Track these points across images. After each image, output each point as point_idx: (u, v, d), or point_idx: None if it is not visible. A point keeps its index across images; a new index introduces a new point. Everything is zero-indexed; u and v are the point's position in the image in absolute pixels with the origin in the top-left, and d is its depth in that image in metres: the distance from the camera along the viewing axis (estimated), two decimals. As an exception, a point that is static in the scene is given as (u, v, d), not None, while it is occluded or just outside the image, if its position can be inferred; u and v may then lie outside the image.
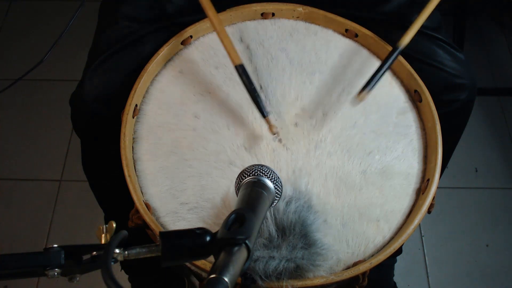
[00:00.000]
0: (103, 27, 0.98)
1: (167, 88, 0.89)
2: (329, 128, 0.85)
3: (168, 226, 0.77)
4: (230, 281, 0.46)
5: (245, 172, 0.66)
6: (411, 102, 0.90)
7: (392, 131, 0.86)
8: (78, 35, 1.46)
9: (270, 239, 0.69)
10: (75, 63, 1.41)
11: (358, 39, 0.96)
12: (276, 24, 0.98)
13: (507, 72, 1.86)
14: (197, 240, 0.55)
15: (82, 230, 1.46)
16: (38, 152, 1.65)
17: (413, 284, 1.44)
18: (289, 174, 0.81)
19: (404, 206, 0.80)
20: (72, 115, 0.95)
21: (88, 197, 1.13)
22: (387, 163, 0.83)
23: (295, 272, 0.68)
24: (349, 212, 0.78)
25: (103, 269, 0.48)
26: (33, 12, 2.00)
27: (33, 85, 1.78)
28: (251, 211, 0.57)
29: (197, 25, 0.93)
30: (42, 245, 1.47)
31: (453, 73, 0.95)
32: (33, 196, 1.57)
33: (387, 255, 0.73)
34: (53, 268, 0.52)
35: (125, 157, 0.79)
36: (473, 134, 1.66)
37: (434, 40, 0.96)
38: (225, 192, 0.78)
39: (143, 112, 0.86)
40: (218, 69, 0.91)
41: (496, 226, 1.53)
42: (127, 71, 0.90)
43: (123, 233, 0.54)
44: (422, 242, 1.50)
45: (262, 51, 0.93)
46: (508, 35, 1.94)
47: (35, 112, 1.74)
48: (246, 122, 0.85)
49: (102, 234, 0.56)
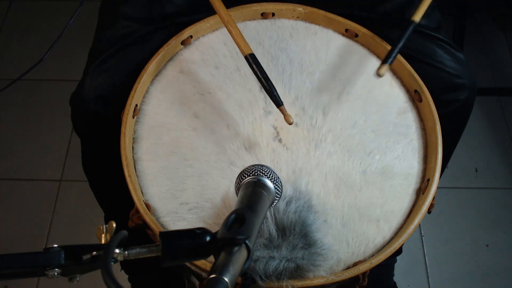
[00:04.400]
0: (103, 27, 0.98)
1: (167, 88, 0.89)
2: (329, 128, 0.85)
3: (168, 226, 0.77)
4: (230, 281, 0.46)
5: (245, 172, 0.66)
6: (411, 102, 0.90)
7: (392, 131, 0.86)
8: (78, 35, 1.46)
9: (270, 239, 0.69)
10: (75, 63, 1.41)
11: (358, 39, 0.96)
12: (276, 24, 0.98)
13: (507, 72, 1.85)
14: (197, 240, 0.55)
15: (82, 230, 1.46)
16: (38, 152, 1.65)
17: (413, 284, 1.44)
18: (289, 174, 0.81)
19: (404, 206, 0.80)
20: (72, 115, 0.95)
21: (88, 197, 1.13)
22: (387, 163, 0.83)
23: (295, 272, 0.68)
24: (349, 212, 0.78)
25: (103, 269, 0.48)
26: (33, 12, 2.00)
27: (33, 85, 1.78)
28: (251, 211, 0.57)
29: (197, 25, 0.93)
30: (42, 245, 1.47)
31: (453, 73, 0.95)
32: (33, 196, 1.57)
33: (387, 255, 0.73)
34: (53, 268, 0.52)
35: (125, 157, 0.79)
36: (473, 134, 1.66)
37: (434, 40, 0.96)
38: (225, 192, 0.78)
39: (143, 112, 0.86)
40: (218, 69, 0.91)
41: (496, 226, 1.53)
42: (127, 71, 0.90)
43: (123, 233, 0.54)
44: (422, 242, 1.50)
45: (262, 51, 0.93)
46: (508, 35, 1.94)
47: (35, 112, 1.74)
48: (246, 122, 0.85)
49: (102, 234, 0.56)
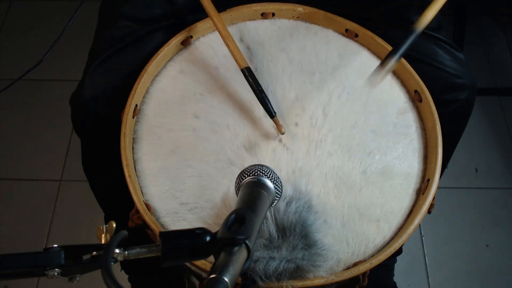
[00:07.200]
0: (103, 27, 0.98)
1: (167, 88, 0.89)
2: (329, 128, 0.85)
3: (168, 226, 0.76)
4: (230, 281, 0.46)
5: (245, 172, 0.66)
6: (411, 102, 0.90)
7: (392, 131, 0.86)
8: (78, 35, 1.46)
9: (271, 240, 0.69)
10: (75, 63, 1.41)
11: (358, 39, 0.96)
12: (276, 24, 0.98)
13: (507, 72, 1.85)
14: (197, 240, 0.55)
15: (82, 230, 1.46)
16: (38, 152, 1.65)
17: (413, 284, 1.43)
18: (289, 174, 0.81)
19: (404, 206, 0.80)
20: (72, 115, 0.95)
21: (88, 197, 1.13)
22: (387, 163, 0.83)
23: (295, 272, 0.68)
24: (349, 212, 0.78)
25: (103, 269, 0.48)
26: (33, 12, 2.00)
27: (33, 85, 1.78)
28: (251, 211, 0.57)
29: (197, 25, 0.93)
30: (42, 245, 1.47)
31: (453, 73, 0.95)
32: (33, 196, 1.57)
33: (387, 255, 0.73)
34: (53, 268, 0.52)
35: (125, 157, 0.79)
36: (473, 134, 1.66)
37: (434, 40, 0.96)
38: (225, 192, 0.78)
39: (143, 112, 0.86)
40: (218, 69, 0.91)
41: (496, 226, 1.53)
42: (127, 71, 0.90)
43: (123, 233, 0.54)
44: (422, 242, 1.50)
45: (262, 51, 0.93)
46: (508, 35, 1.94)
47: (35, 112, 1.74)
48: (246, 122, 0.85)
49: (102, 234, 0.56)
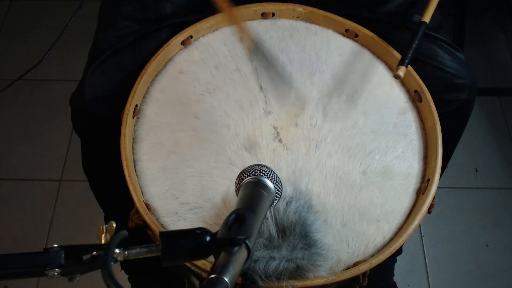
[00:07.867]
0: (103, 27, 0.98)
1: (167, 88, 0.89)
2: (329, 128, 0.85)
3: (168, 226, 0.76)
4: (230, 281, 0.46)
5: (245, 172, 0.66)
6: (411, 102, 0.90)
7: (392, 131, 0.86)
8: (78, 35, 1.46)
9: (271, 239, 0.69)
10: (75, 63, 1.41)
11: (358, 39, 0.96)
12: (276, 24, 0.98)
13: (507, 72, 1.85)
14: (197, 240, 0.55)
15: (82, 230, 1.46)
16: (38, 152, 1.65)
17: (413, 284, 1.43)
18: (289, 174, 0.81)
19: (404, 206, 0.80)
20: (72, 115, 0.95)
21: (88, 197, 1.13)
22: (387, 163, 0.83)
23: (295, 272, 0.68)
24: (349, 212, 0.78)
25: (103, 269, 0.48)
26: (33, 12, 2.00)
27: (33, 85, 1.78)
28: (251, 211, 0.57)
29: (197, 25, 0.93)
30: (42, 245, 1.47)
31: (453, 73, 0.95)
32: (33, 196, 1.57)
33: (387, 255, 0.73)
34: (53, 268, 0.52)
35: (125, 157, 0.79)
36: (473, 134, 1.66)
37: (434, 40, 0.96)
38: (225, 192, 0.78)
39: (143, 112, 0.86)
40: (218, 69, 0.91)
41: (496, 226, 1.53)
42: (127, 71, 0.90)
43: (123, 233, 0.54)
44: (422, 242, 1.50)
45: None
46: (508, 35, 1.94)
47: (35, 112, 1.74)
48: (246, 122, 0.85)
49: (102, 234, 0.56)
